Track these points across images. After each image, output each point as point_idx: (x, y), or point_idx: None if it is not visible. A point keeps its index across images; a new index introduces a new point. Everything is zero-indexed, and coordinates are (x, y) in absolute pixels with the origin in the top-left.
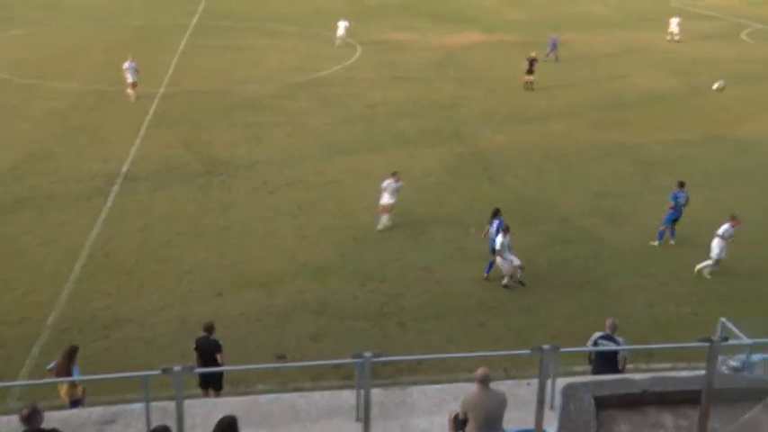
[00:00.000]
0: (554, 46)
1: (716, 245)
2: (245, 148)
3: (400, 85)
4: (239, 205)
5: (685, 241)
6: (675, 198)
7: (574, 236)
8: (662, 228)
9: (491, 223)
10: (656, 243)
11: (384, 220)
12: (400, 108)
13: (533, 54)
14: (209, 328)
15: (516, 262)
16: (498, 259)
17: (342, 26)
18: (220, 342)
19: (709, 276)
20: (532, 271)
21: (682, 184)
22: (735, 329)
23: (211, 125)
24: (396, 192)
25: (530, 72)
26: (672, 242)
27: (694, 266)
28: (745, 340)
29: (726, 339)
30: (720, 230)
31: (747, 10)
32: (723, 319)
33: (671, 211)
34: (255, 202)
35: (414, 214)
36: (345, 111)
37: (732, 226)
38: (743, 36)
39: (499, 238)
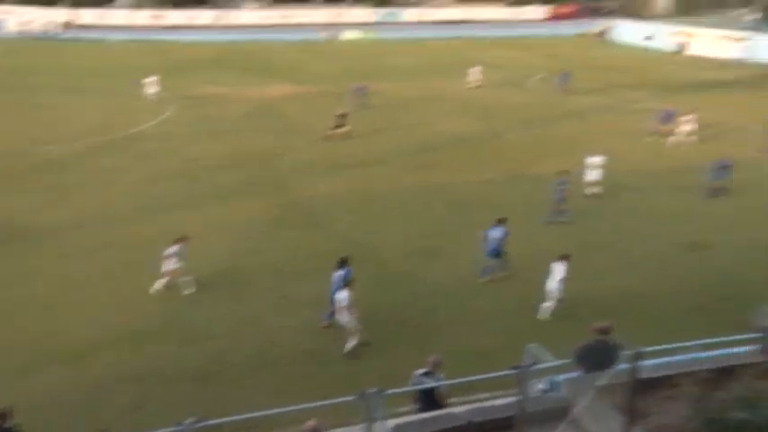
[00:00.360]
0: (360, 94)
1: (554, 286)
2: (49, 212)
3: (217, 139)
4: (45, 274)
5: (505, 275)
6: (488, 233)
7: (396, 277)
8: (487, 263)
9: (335, 273)
10: (483, 279)
11: (180, 282)
12: (219, 161)
13: (343, 111)
14: (3, 417)
15: (354, 323)
16: (345, 315)
17: (151, 82)
18: (18, 429)
19: (549, 317)
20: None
21: (499, 221)
22: (542, 354)
23: (8, 191)
24: (182, 256)
25: (339, 126)
26: (489, 277)
27: (514, 298)
28: (552, 362)
29: (534, 364)
30: (559, 275)
31: (532, 61)
32: (531, 345)
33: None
34: (64, 269)
35: (238, 268)
36: (161, 167)
37: (565, 264)
38: (530, 84)
39: (345, 294)
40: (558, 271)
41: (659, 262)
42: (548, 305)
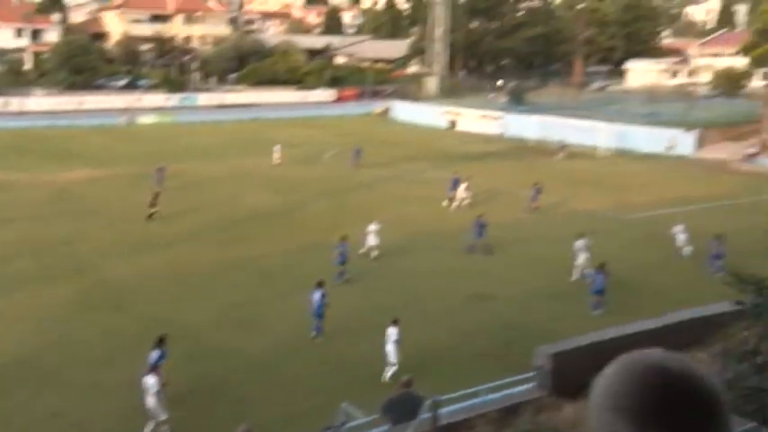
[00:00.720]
0: (160, 175)
1: (391, 349)
2: None
3: (9, 227)
4: None
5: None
6: (312, 295)
7: (209, 351)
8: (317, 322)
9: (151, 353)
10: (313, 334)
11: None
12: (12, 250)
13: (156, 190)
14: None
15: (161, 410)
16: (152, 401)
17: None
18: None
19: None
20: (170, 394)
21: (318, 283)
22: (354, 411)
23: None
24: None
25: (153, 205)
26: (313, 334)
27: (330, 359)
28: (363, 419)
29: (345, 423)
30: (393, 337)
31: (325, 138)
32: (344, 404)
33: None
34: None
35: (38, 359)
36: None
37: (397, 327)
38: (325, 159)
39: (152, 380)
40: (392, 334)
41: (451, 315)
42: (392, 369)
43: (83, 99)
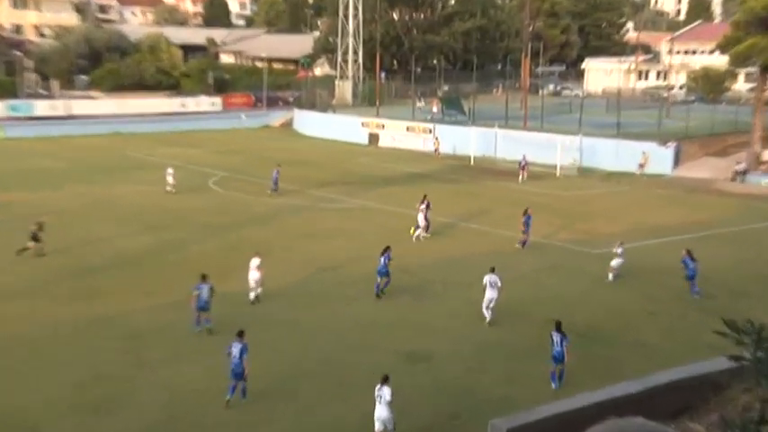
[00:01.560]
0: None
1: (385, 413)
2: None
3: None
4: None
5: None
6: (230, 347)
7: None
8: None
9: None
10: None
11: None
12: None
13: (43, 219)
14: None
15: None
16: None
17: None
18: None
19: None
20: None
21: (239, 333)
22: None
23: None
24: None
25: (36, 239)
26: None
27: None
28: None
29: None
30: (387, 397)
31: (210, 159)
32: None
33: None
34: None
35: None
36: None
37: (388, 386)
38: (211, 184)
39: None
40: (385, 394)
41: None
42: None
43: None
